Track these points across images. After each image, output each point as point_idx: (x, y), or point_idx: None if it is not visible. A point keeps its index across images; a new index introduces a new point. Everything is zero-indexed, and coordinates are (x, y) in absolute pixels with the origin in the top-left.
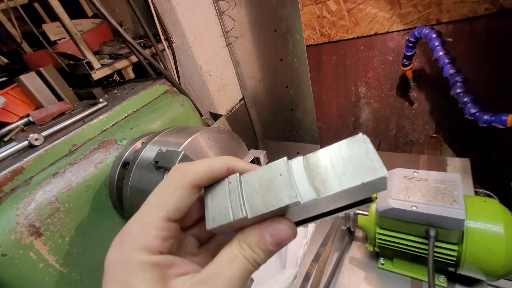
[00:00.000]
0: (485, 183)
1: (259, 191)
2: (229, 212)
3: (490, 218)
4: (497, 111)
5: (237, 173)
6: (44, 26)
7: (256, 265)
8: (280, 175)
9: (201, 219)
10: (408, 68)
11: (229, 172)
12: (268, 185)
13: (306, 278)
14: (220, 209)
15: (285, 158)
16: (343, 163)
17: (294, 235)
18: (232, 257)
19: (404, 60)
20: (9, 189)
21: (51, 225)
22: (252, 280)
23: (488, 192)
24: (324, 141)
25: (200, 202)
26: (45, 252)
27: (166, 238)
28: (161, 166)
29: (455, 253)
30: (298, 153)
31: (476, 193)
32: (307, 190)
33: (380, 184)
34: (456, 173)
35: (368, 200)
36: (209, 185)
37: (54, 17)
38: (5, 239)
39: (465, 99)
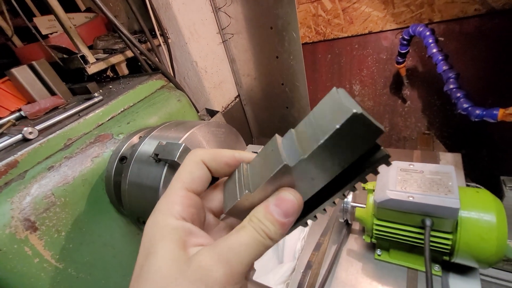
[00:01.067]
0: (476, 177)
1: (259, 170)
2: (236, 193)
3: (483, 207)
4: (487, 107)
5: (243, 163)
6: (35, 19)
7: (266, 236)
8: (272, 150)
9: None
10: (402, 65)
11: (237, 161)
12: (264, 162)
13: (308, 266)
14: (230, 194)
15: (276, 134)
16: (322, 118)
17: (298, 202)
18: (239, 227)
19: (398, 58)
20: (3, 183)
21: (47, 220)
22: (254, 269)
23: (479, 186)
24: None
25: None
26: (40, 247)
27: (186, 205)
28: (161, 158)
29: (449, 242)
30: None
31: (468, 186)
32: (293, 153)
33: (358, 125)
34: (450, 165)
35: (375, 150)
36: (226, 180)
37: (45, 11)
38: (0, 233)
39: (458, 95)
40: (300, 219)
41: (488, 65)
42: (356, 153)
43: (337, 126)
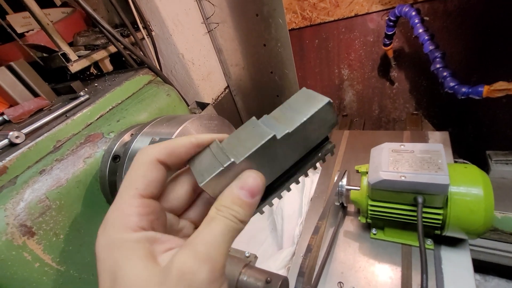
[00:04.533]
0: (463, 154)
1: (240, 143)
2: (217, 163)
3: (471, 182)
4: (472, 85)
5: (215, 141)
6: (8, 17)
7: (237, 221)
8: (253, 127)
9: (194, 204)
10: (389, 47)
11: (197, 147)
12: (246, 137)
13: (308, 249)
14: (208, 165)
15: (253, 117)
16: (299, 105)
17: (261, 179)
18: (209, 220)
19: (385, 40)
20: None
21: (44, 224)
22: (256, 257)
23: (466, 162)
24: None
25: (186, 186)
26: (39, 251)
27: (144, 214)
28: None
29: (440, 217)
30: None
31: (456, 162)
32: (279, 127)
33: (329, 112)
34: (439, 144)
35: (325, 141)
36: (192, 156)
37: (18, 8)
38: None
39: (445, 74)
40: (266, 199)
41: (472, 43)
42: (319, 138)
43: (316, 110)
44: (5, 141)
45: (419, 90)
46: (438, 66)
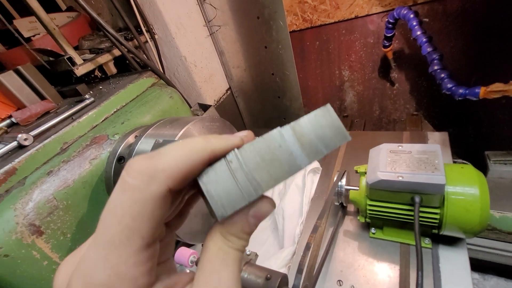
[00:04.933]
0: (463, 154)
1: (264, 166)
2: (239, 192)
3: (467, 182)
4: (471, 86)
5: (235, 150)
6: (15, 22)
7: (244, 249)
8: (280, 146)
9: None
10: (388, 49)
11: (213, 157)
12: (271, 158)
13: (307, 247)
14: (227, 191)
15: (278, 128)
16: (322, 130)
17: (274, 206)
18: (223, 255)
19: (385, 42)
20: (3, 190)
21: (52, 223)
22: (256, 255)
23: (465, 162)
24: None
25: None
26: (48, 250)
27: (153, 268)
28: None
29: (437, 216)
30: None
31: (455, 163)
32: (303, 158)
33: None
34: (436, 144)
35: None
36: (204, 169)
37: (24, 13)
38: (6, 240)
39: (442, 75)
40: None
41: (472, 45)
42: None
43: (338, 145)
44: (14, 143)
45: (419, 91)
46: (436, 68)
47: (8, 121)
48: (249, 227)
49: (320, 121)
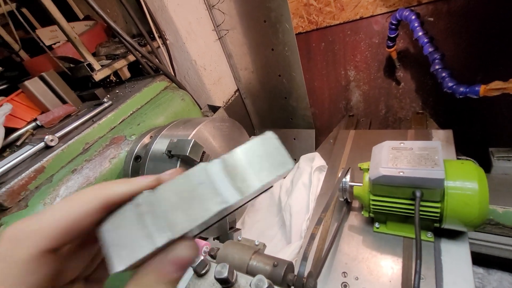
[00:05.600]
0: (470, 152)
1: (180, 206)
2: (146, 239)
3: (466, 176)
4: (471, 85)
5: (146, 192)
6: (38, 31)
7: None
8: (201, 183)
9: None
10: (392, 49)
11: (113, 203)
12: (189, 196)
13: (312, 237)
14: (131, 240)
15: (202, 164)
16: (258, 161)
17: (196, 250)
18: None
19: (389, 42)
20: (34, 187)
21: None
22: (264, 245)
23: (468, 159)
24: (318, 126)
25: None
26: None
27: None
28: (174, 154)
29: (438, 210)
30: (294, 139)
31: (459, 159)
32: (231, 192)
33: (287, 173)
34: (437, 141)
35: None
36: (106, 217)
37: (45, 22)
38: None
39: (443, 74)
40: None
41: (476, 43)
42: (266, 188)
43: (278, 174)
44: (42, 144)
45: (425, 89)
46: (437, 67)
47: (33, 124)
48: (166, 276)
49: (257, 151)
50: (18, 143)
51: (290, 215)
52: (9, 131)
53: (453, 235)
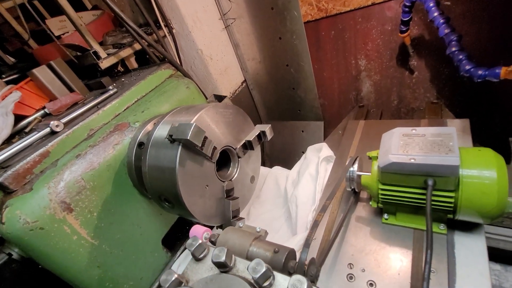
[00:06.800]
0: (489, 143)
1: None
2: None
3: (484, 164)
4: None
5: None
6: (47, 21)
7: None
8: None
9: None
10: (406, 34)
11: None
12: None
13: (315, 224)
14: None
15: None
16: None
17: None
18: None
19: (402, 26)
20: (39, 171)
21: (80, 202)
22: (266, 232)
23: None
24: (327, 118)
25: None
26: (77, 226)
27: None
28: (175, 138)
29: (452, 200)
30: (302, 131)
31: None
32: None
33: None
34: (452, 127)
35: None
36: None
37: (54, 13)
38: (41, 214)
39: (460, 57)
40: None
41: (498, 27)
42: None
43: None
44: (47, 129)
45: (440, 78)
46: (453, 49)
47: (42, 111)
48: None
49: None
50: (27, 129)
51: (296, 206)
52: (18, 118)
53: (468, 227)
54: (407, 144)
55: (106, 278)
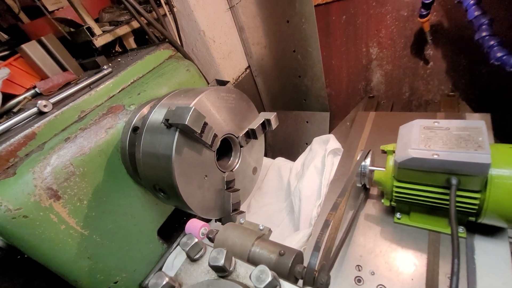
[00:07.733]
0: (506, 141)
1: None
2: None
3: None
4: None
5: None
6: None
7: None
8: None
9: None
10: (426, 19)
11: None
12: None
13: (326, 224)
14: None
15: None
16: None
17: None
18: None
19: (422, 10)
20: (24, 154)
21: (68, 189)
22: (270, 230)
23: None
24: (333, 109)
25: None
26: (65, 214)
27: None
28: (172, 123)
29: (477, 201)
30: (307, 122)
31: None
32: None
33: None
34: (480, 120)
35: None
36: None
37: None
38: (25, 201)
39: (492, 42)
40: None
41: None
42: None
43: None
44: (34, 109)
45: (457, 70)
46: (484, 34)
47: (32, 91)
48: None
49: None
50: (15, 109)
51: (299, 200)
52: (7, 97)
53: (489, 231)
54: (429, 138)
55: (97, 269)
